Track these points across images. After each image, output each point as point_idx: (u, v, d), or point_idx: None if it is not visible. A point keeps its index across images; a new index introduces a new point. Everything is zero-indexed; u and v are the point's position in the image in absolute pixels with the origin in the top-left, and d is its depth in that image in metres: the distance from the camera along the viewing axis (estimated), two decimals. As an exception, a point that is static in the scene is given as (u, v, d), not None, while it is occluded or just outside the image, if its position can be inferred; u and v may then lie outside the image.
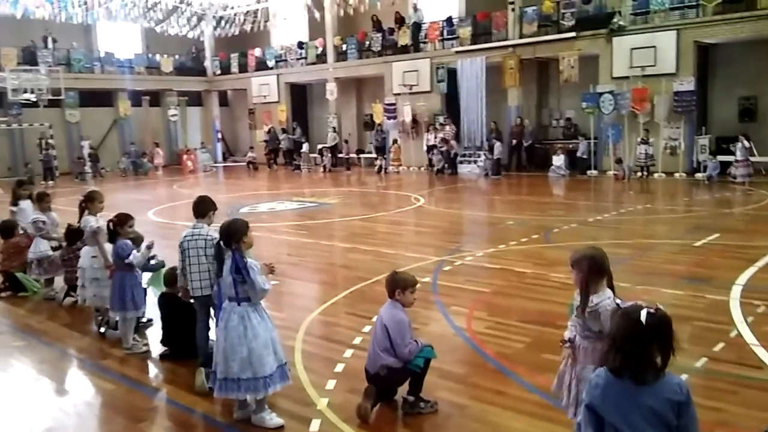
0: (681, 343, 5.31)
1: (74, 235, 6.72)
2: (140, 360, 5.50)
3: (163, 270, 6.01)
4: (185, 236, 4.79)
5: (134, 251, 5.57)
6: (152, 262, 6.02)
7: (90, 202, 6.12)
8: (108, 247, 5.83)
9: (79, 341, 6.05)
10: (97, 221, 6.02)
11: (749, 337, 5.46)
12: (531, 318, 6.12)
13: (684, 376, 4.66)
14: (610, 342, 2.50)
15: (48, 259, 7.40)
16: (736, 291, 6.77)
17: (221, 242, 4.16)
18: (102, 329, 6.09)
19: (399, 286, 4.27)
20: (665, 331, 2.40)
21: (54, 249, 7.36)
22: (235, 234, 4.10)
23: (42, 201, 7.61)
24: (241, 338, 3.99)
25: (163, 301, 5.57)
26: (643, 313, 2.38)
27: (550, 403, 4.27)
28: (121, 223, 5.61)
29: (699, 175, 17.13)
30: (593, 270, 3.30)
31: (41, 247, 7.41)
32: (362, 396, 4.23)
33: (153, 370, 5.35)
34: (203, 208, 4.87)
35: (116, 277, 5.61)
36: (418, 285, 4.43)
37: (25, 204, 8.17)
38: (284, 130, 27.87)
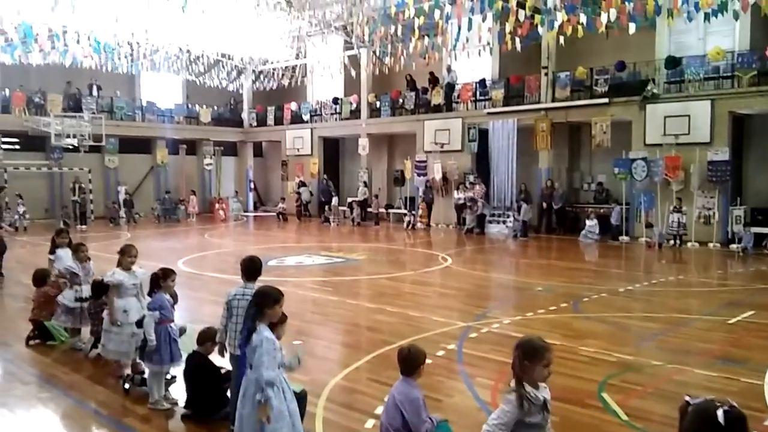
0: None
1: (99, 289, 6.81)
2: (162, 419, 5.46)
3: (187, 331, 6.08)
4: (234, 294, 4.88)
5: (154, 312, 5.62)
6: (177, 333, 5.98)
7: (121, 255, 6.26)
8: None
9: (102, 395, 6.03)
10: (113, 275, 6.12)
11: (784, 427, 5.25)
12: (557, 394, 5.85)
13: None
14: None
15: (73, 310, 7.46)
16: (772, 375, 6.55)
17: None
18: (126, 386, 6.09)
19: (421, 363, 4.28)
20: (742, 430, 2.31)
21: (81, 300, 7.43)
22: (256, 304, 4.00)
23: (78, 251, 7.69)
24: (255, 409, 3.92)
25: (191, 361, 5.57)
26: (720, 413, 2.29)
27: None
28: (164, 277, 5.76)
29: (733, 247, 16.81)
30: None
31: (68, 296, 7.50)
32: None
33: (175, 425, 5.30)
34: (253, 271, 4.97)
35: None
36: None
37: (63, 252, 8.30)
38: (303, 183, 28.33)
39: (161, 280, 5.73)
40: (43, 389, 6.26)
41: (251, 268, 4.94)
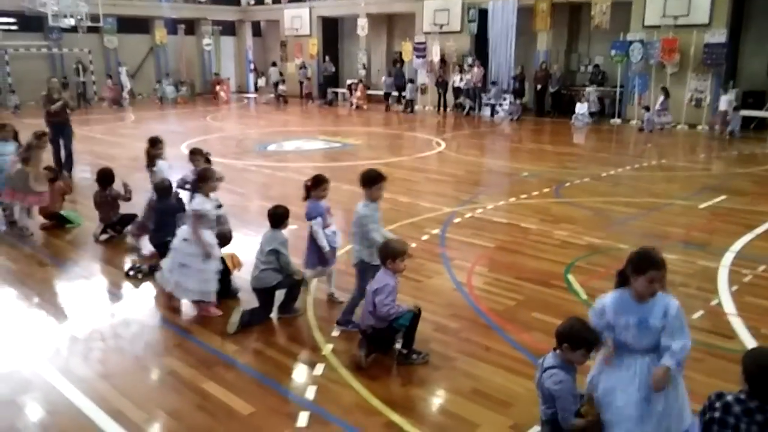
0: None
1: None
2: (174, 300, 5.88)
3: None
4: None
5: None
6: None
7: (203, 182, 5.72)
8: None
9: (117, 277, 6.68)
10: (202, 204, 5.61)
11: (728, 307, 5.75)
12: (526, 276, 6.62)
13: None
14: None
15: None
16: (728, 258, 7.08)
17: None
18: (131, 272, 6.62)
19: (390, 255, 4.64)
20: None
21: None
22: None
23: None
24: None
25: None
26: None
27: (531, 360, 4.72)
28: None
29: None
30: None
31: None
32: (356, 346, 4.83)
33: (184, 309, 5.83)
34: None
35: None
36: (407, 252, 4.78)
37: (163, 163, 7.89)
38: (304, 65, 28.14)
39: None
40: (59, 270, 6.96)
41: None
